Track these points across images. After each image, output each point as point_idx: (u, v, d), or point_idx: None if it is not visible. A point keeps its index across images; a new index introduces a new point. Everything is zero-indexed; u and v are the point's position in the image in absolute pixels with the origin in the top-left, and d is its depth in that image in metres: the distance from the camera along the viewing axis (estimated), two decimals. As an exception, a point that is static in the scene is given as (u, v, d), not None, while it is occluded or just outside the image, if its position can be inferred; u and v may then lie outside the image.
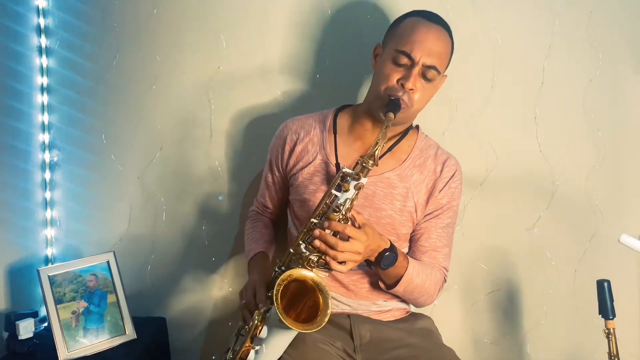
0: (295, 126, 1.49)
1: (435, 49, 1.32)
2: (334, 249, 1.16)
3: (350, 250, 1.17)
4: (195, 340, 1.84)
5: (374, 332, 1.38)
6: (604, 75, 1.68)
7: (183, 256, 1.82)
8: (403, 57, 1.31)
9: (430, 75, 1.33)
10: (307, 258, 1.20)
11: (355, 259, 1.19)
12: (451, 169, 1.44)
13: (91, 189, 1.82)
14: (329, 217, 1.20)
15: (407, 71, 1.31)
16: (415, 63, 1.30)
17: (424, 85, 1.33)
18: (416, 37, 1.31)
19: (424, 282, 1.35)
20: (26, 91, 1.76)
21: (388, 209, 1.39)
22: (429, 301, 1.42)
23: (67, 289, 1.57)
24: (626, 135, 1.70)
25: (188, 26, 1.76)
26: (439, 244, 1.42)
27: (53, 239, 1.83)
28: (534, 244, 1.73)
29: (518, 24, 1.69)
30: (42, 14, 1.78)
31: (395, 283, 1.32)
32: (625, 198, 1.72)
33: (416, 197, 1.40)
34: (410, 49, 1.30)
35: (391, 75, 1.32)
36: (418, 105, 1.36)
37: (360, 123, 1.44)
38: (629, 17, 1.68)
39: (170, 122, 1.79)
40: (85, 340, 1.55)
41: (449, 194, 1.43)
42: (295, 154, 1.46)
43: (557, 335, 1.75)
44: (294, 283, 1.18)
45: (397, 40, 1.33)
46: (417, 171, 1.42)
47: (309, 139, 1.46)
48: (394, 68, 1.32)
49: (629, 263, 1.70)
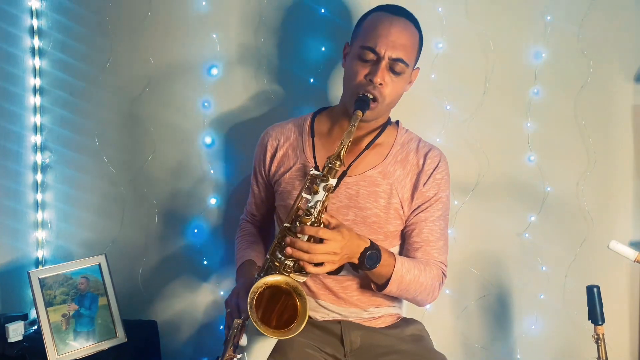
0: (275, 132, 1.49)
1: (399, 41, 1.30)
2: (307, 253, 1.15)
3: (325, 252, 1.16)
4: (186, 344, 1.83)
5: (365, 338, 1.37)
6: (595, 83, 1.70)
7: (175, 260, 1.81)
8: (368, 53, 1.30)
9: (398, 69, 1.31)
10: (284, 263, 1.18)
11: (333, 259, 1.18)
12: (434, 160, 1.41)
13: (83, 191, 1.81)
14: (301, 220, 1.18)
15: (374, 66, 1.30)
16: (381, 57, 1.29)
17: (393, 79, 1.31)
18: (380, 32, 1.30)
19: (417, 278, 1.31)
20: (18, 92, 1.75)
21: (373, 207, 1.37)
22: (430, 298, 1.39)
23: (58, 291, 1.56)
24: (616, 141, 1.72)
25: (182, 29, 1.76)
26: (432, 238, 1.38)
27: (44, 241, 1.81)
28: (525, 249, 1.74)
29: (510, 31, 1.71)
30: (35, 15, 1.78)
31: (385, 283, 1.30)
32: (616, 204, 1.73)
33: (400, 192, 1.38)
34: (374, 43, 1.29)
35: (359, 72, 1.31)
36: (389, 100, 1.34)
37: (339, 124, 1.43)
38: (620, 25, 1.69)
39: (163, 124, 1.79)
40: (76, 343, 1.54)
41: (435, 185, 1.39)
42: (277, 159, 1.46)
43: (547, 340, 1.76)
44: (269, 290, 1.17)
45: (362, 37, 1.33)
46: (399, 166, 1.40)
47: (289, 144, 1.46)
48: (361, 64, 1.31)
49: (619, 269, 1.72)
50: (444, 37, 1.71)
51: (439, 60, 1.71)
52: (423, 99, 1.73)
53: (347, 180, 1.37)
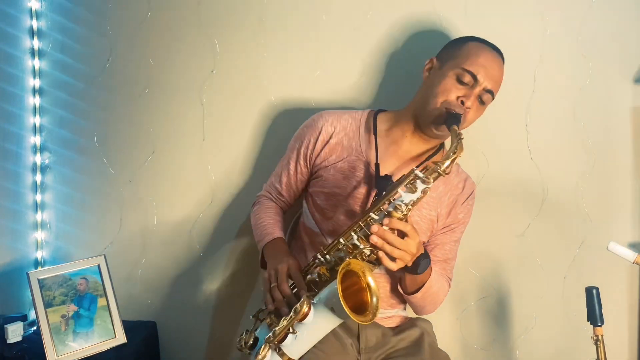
0: (332, 118, 1.50)
1: (496, 76, 1.39)
2: (390, 245, 1.17)
3: (405, 249, 1.18)
4: (186, 345, 1.83)
5: (379, 337, 1.43)
6: (594, 84, 1.70)
7: (174, 260, 1.81)
8: (467, 76, 1.36)
9: (485, 99, 1.39)
10: (361, 250, 1.21)
11: (406, 259, 1.20)
12: (471, 187, 1.52)
13: (82, 192, 1.82)
14: (390, 214, 1.19)
15: (469, 90, 1.36)
16: (478, 84, 1.36)
17: (477, 107, 1.39)
18: (483, 61, 1.37)
19: (438, 291, 1.41)
20: (18, 93, 1.76)
21: (415, 215, 1.42)
22: (433, 309, 1.47)
23: (57, 292, 1.56)
24: (616, 143, 1.72)
25: (182, 30, 1.77)
26: (450, 256, 1.48)
27: (43, 241, 1.82)
28: (524, 250, 1.74)
29: (509, 33, 1.71)
30: (35, 16, 1.78)
31: (417, 289, 1.36)
32: (615, 205, 1.73)
33: (439, 208, 1.45)
34: (476, 70, 1.36)
35: (452, 91, 1.36)
36: (467, 125, 1.41)
37: (401, 128, 1.46)
38: (619, 27, 1.69)
39: (163, 125, 1.79)
40: (75, 344, 1.54)
41: (466, 210, 1.50)
42: (329, 146, 1.47)
43: (547, 342, 1.76)
44: (349, 276, 1.15)
45: (463, 60, 1.38)
46: (442, 184, 1.45)
47: (344, 134, 1.48)
48: (456, 85, 1.37)
49: (618, 270, 1.72)
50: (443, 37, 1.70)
51: (439, 62, 1.71)
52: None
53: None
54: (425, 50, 1.58)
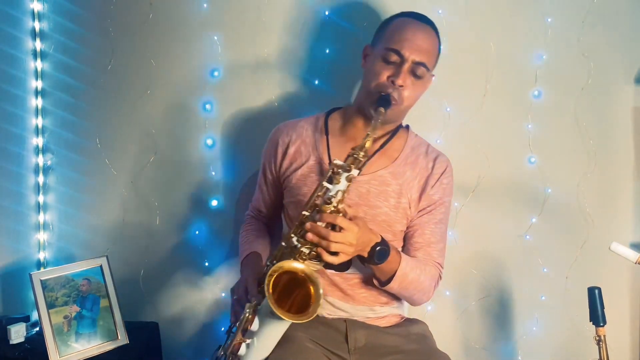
0: (287, 129, 1.51)
1: (424, 46, 1.35)
2: (326, 239, 1.16)
3: (342, 241, 1.17)
4: (188, 345, 1.83)
5: (370, 337, 1.38)
6: (595, 84, 1.70)
7: (176, 261, 1.82)
8: (393, 55, 1.34)
9: (419, 72, 1.35)
10: (299, 251, 1.20)
11: (348, 251, 1.19)
12: (442, 165, 1.45)
13: (84, 193, 1.82)
14: (320, 209, 1.20)
15: (397, 68, 1.34)
16: (405, 60, 1.34)
17: (413, 82, 1.36)
18: (406, 35, 1.35)
19: (419, 277, 1.35)
20: (20, 95, 1.76)
21: (383, 206, 1.39)
22: (424, 298, 1.41)
23: (60, 293, 1.57)
24: (617, 143, 1.72)
25: (183, 31, 1.77)
26: (433, 240, 1.42)
27: (46, 242, 1.82)
28: (526, 251, 1.74)
29: (511, 33, 1.71)
30: (37, 17, 1.78)
31: (389, 279, 1.32)
32: (616, 205, 1.73)
33: (409, 193, 1.42)
34: (400, 46, 1.34)
35: (381, 73, 1.35)
36: (407, 103, 1.38)
37: (352, 123, 1.45)
38: (620, 27, 1.70)
39: (165, 126, 1.79)
40: (78, 345, 1.55)
41: (441, 189, 1.44)
42: (289, 156, 1.47)
43: (548, 342, 1.76)
44: (285, 275, 1.17)
45: (387, 39, 1.37)
46: (409, 168, 1.43)
47: (301, 141, 1.47)
48: (384, 66, 1.35)
49: (620, 270, 1.72)
50: (445, 38, 1.70)
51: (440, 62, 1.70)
52: (423, 100, 1.71)
53: (358, 178, 1.36)
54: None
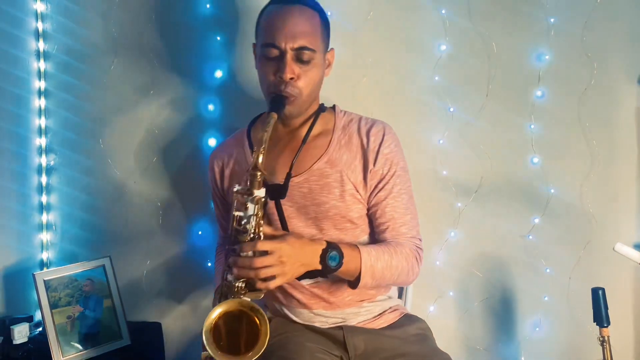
0: (219, 152, 1.46)
1: (297, 29, 1.24)
2: (252, 269, 1.10)
3: (270, 264, 1.11)
4: (190, 346, 1.83)
5: (369, 342, 1.33)
6: (598, 85, 1.69)
7: (179, 261, 1.82)
8: (271, 50, 1.25)
9: (305, 57, 1.25)
10: (236, 286, 1.15)
11: (282, 270, 1.13)
12: (378, 136, 1.33)
13: (87, 193, 1.82)
14: (239, 240, 1.14)
15: (280, 62, 1.24)
16: (284, 51, 1.24)
17: (304, 69, 1.26)
18: (275, 25, 1.25)
19: (390, 263, 1.27)
20: (23, 95, 1.76)
21: (329, 200, 1.31)
22: (411, 277, 1.33)
23: (63, 293, 1.57)
24: (620, 143, 1.72)
25: (186, 31, 1.77)
26: (397, 215, 1.32)
27: (49, 243, 1.82)
28: (529, 251, 1.74)
29: (514, 33, 1.71)
30: (40, 18, 1.79)
31: (358, 277, 1.25)
32: (619, 206, 1.73)
33: (352, 177, 1.32)
34: (273, 38, 1.24)
35: (268, 72, 1.26)
36: (308, 90, 1.28)
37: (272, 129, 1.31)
38: (624, 27, 1.69)
39: (168, 127, 1.80)
40: (81, 345, 1.55)
41: (386, 161, 1.32)
42: (227, 179, 1.42)
43: (552, 343, 1.75)
44: (223, 318, 1.12)
45: (262, 34, 1.28)
46: (345, 150, 1.33)
47: (234, 161, 1.41)
48: (267, 63, 1.26)
49: (624, 270, 1.72)
50: (447, 39, 1.71)
51: (442, 63, 1.72)
52: (426, 101, 1.73)
53: (295, 180, 1.32)
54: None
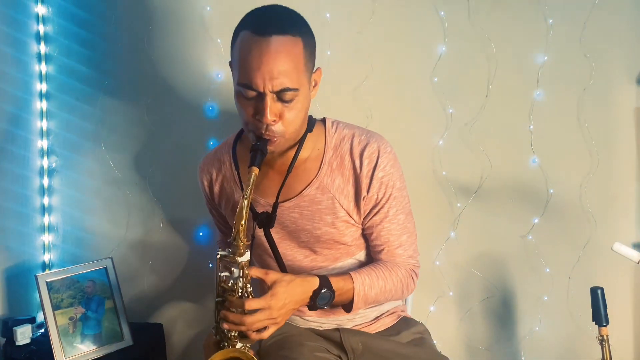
0: (206, 166, 1.37)
1: (277, 69, 1.08)
2: (243, 325, 1.10)
3: (260, 320, 1.11)
4: (192, 347, 1.84)
5: (366, 342, 1.31)
6: (597, 85, 1.70)
7: (180, 262, 1.82)
8: (248, 91, 1.10)
9: (287, 97, 1.10)
10: (230, 335, 1.15)
11: (274, 321, 1.13)
12: (372, 159, 1.22)
13: (89, 195, 1.83)
14: (227, 299, 1.12)
15: (259, 104, 1.11)
16: (263, 94, 1.09)
17: (286, 107, 1.12)
18: (251, 65, 1.08)
19: (384, 288, 1.24)
20: (25, 97, 1.77)
21: (321, 226, 1.25)
22: (406, 294, 1.31)
23: (65, 294, 1.57)
24: (619, 143, 1.73)
25: (187, 34, 1.78)
26: (392, 238, 1.27)
27: (51, 244, 1.83)
28: (528, 251, 1.75)
29: (513, 34, 1.71)
30: (42, 21, 1.80)
31: (350, 305, 1.22)
32: (619, 206, 1.74)
33: (345, 204, 1.24)
34: (249, 79, 1.09)
35: (246, 110, 1.13)
36: (293, 127, 1.15)
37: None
38: (622, 28, 1.70)
39: (169, 129, 1.80)
40: (83, 346, 1.55)
41: (381, 185, 1.23)
42: (216, 195, 1.36)
43: (552, 342, 1.76)
44: None
45: (237, 68, 1.12)
46: (337, 174, 1.24)
47: (222, 177, 1.34)
48: (245, 102, 1.13)
49: (623, 270, 1.72)
50: (446, 40, 1.72)
51: (442, 64, 1.72)
52: (425, 102, 1.74)
53: (285, 205, 1.25)
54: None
